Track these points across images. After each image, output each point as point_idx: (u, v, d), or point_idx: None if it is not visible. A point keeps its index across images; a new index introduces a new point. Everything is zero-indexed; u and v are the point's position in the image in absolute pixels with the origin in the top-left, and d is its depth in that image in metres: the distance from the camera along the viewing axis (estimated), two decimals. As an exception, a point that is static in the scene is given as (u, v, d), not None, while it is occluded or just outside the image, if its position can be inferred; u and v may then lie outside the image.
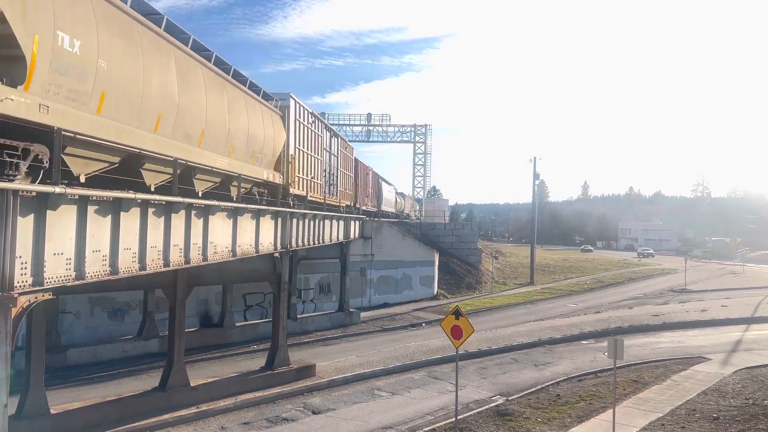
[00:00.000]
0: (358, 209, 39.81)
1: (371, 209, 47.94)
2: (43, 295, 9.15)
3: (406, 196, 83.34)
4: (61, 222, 9.29)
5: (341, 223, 31.00)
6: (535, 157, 59.66)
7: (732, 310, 37.54)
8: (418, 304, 40.79)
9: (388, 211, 57.93)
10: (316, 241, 25.68)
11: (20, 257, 8.36)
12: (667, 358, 24.36)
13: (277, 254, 20.69)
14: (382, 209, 53.69)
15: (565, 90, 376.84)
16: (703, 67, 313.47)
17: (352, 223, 34.05)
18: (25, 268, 8.50)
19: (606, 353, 16.49)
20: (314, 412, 17.51)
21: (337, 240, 30.52)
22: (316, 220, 25.42)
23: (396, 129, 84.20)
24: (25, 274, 8.50)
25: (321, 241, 26.65)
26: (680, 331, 30.99)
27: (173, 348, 17.30)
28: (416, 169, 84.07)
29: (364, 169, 44.40)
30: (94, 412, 15.43)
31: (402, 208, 72.30)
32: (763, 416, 16.38)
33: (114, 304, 25.22)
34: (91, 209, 9.98)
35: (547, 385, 20.38)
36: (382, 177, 57.85)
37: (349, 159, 37.40)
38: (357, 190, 40.11)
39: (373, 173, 51.43)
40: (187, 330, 19.35)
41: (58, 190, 8.73)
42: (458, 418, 15.92)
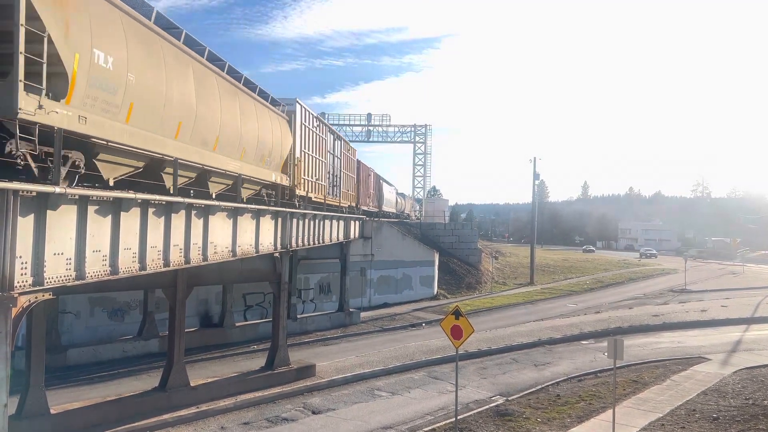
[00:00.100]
0: (360, 210, 39.99)
1: (372, 210, 48.29)
2: (43, 295, 9.15)
3: (407, 197, 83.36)
4: (62, 222, 9.29)
5: (341, 223, 31.01)
6: (535, 157, 59.76)
7: (732, 310, 37.54)
8: (418, 304, 40.80)
9: (389, 211, 58.15)
10: (316, 241, 25.68)
11: (20, 257, 8.36)
12: (667, 359, 24.36)
13: (277, 254, 20.70)
14: (383, 209, 53.94)
15: (565, 90, 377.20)
16: (703, 67, 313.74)
17: (352, 223, 34.06)
18: (25, 268, 8.51)
19: (606, 353, 16.49)
20: (314, 412, 17.52)
21: (337, 240, 30.53)
22: (316, 220, 25.42)
23: (396, 129, 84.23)
24: (25, 274, 8.51)
25: (321, 241, 26.65)
26: (680, 332, 30.99)
27: (173, 348, 17.30)
28: (416, 170, 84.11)
29: (365, 170, 44.94)
30: (94, 412, 15.44)
31: (402, 208, 72.44)
32: (763, 416, 16.38)
33: (114, 304, 25.22)
34: (91, 209, 9.99)
35: (547, 385, 20.39)
36: (383, 178, 58.12)
37: (351, 161, 37.81)
38: (359, 191, 40.36)
39: (375, 174, 51.77)
40: (187, 330, 19.36)
41: (58, 190, 8.73)
42: (458, 418, 15.92)
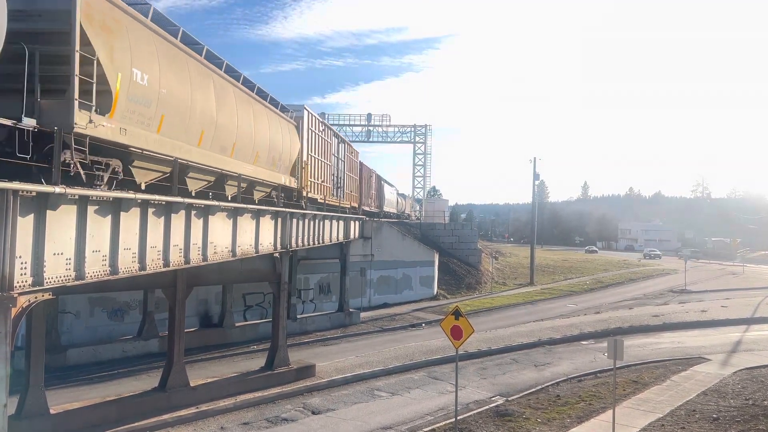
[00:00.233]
0: (362, 210, 40.26)
1: (374, 210, 48.61)
2: (43, 295, 9.14)
3: (407, 197, 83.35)
4: (61, 222, 9.29)
5: (341, 223, 31.00)
6: (534, 158, 59.72)
7: (732, 310, 37.52)
8: (418, 304, 40.77)
9: (390, 211, 58.41)
10: (316, 242, 25.68)
11: (20, 257, 8.36)
12: (666, 359, 24.34)
13: (277, 254, 20.69)
14: (384, 210, 54.22)
15: (565, 90, 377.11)
16: (703, 68, 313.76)
17: (352, 223, 34.07)
18: (25, 268, 8.50)
19: (606, 354, 16.48)
20: (314, 413, 17.51)
21: (337, 240, 30.53)
22: (316, 220, 25.42)
23: (396, 129, 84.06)
24: (25, 274, 8.50)
25: (321, 242, 26.65)
26: (680, 332, 30.97)
27: (173, 348, 17.29)
28: (416, 170, 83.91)
29: (367, 171, 45.64)
30: (94, 412, 15.43)
31: (403, 208, 72.59)
32: (763, 417, 16.37)
33: (114, 304, 25.20)
34: (91, 209, 9.99)
35: (546, 386, 20.37)
36: (384, 179, 58.34)
37: (354, 162, 38.40)
38: (361, 192, 40.82)
39: (376, 175, 52.18)
40: (187, 330, 19.36)
41: (58, 190, 8.73)
42: (458, 418, 15.91)
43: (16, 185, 8.15)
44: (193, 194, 14.52)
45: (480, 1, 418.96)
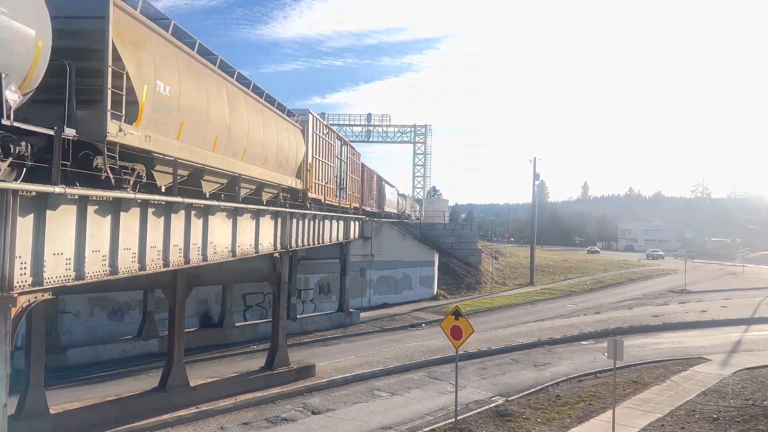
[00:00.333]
0: (363, 210, 40.52)
1: (375, 210, 48.78)
2: (43, 295, 9.14)
3: (407, 197, 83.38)
4: (61, 222, 9.29)
5: (341, 223, 31.01)
6: (534, 158, 59.75)
7: (732, 310, 37.53)
8: (418, 304, 40.77)
9: (391, 212, 58.63)
10: (316, 242, 25.68)
11: (20, 257, 8.36)
12: (666, 359, 24.35)
13: (276, 254, 20.69)
14: (385, 210, 54.41)
15: (565, 90, 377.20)
16: (704, 68, 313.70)
17: (352, 223, 34.07)
18: (25, 268, 8.50)
19: (606, 354, 16.48)
20: (314, 413, 17.51)
21: (337, 240, 30.53)
22: (316, 220, 25.42)
23: (396, 129, 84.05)
24: (25, 274, 8.50)
25: (321, 242, 26.65)
26: (680, 332, 30.98)
27: (173, 348, 17.28)
28: (416, 170, 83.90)
29: (369, 173, 46.44)
30: (94, 412, 15.43)
31: (403, 209, 72.71)
32: (763, 417, 16.37)
33: (114, 304, 25.20)
34: (91, 209, 9.98)
35: (546, 386, 20.38)
36: (385, 179, 58.50)
37: (356, 164, 39.09)
38: (363, 193, 41.30)
39: (377, 176, 52.45)
40: (187, 330, 19.36)
41: (58, 190, 8.73)
42: (458, 418, 15.91)
43: (16, 185, 8.15)
44: (208, 195, 15.71)
45: (480, 1, 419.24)
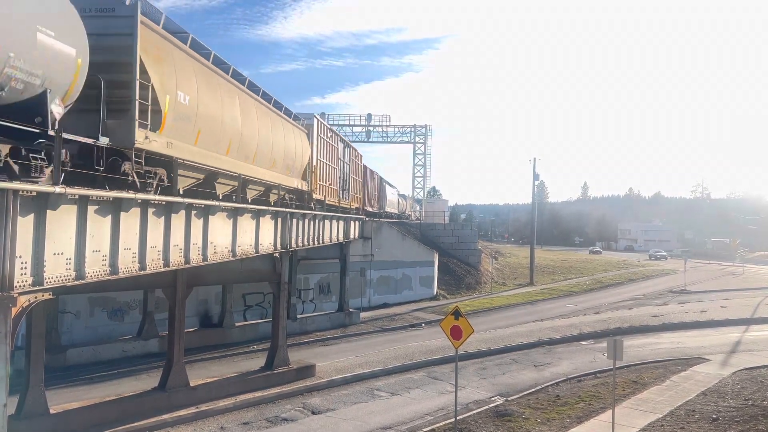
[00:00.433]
0: (365, 211, 40.77)
1: (376, 211, 49.01)
2: (43, 295, 9.14)
3: (407, 197, 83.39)
4: (61, 222, 9.29)
5: (341, 223, 31.01)
6: (534, 158, 59.89)
7: (731, 311, 37.55)
8: (418, 304, 40.77)
9: (391, 212, 58.87)
10: (316, 242, 25.68)
11: (20, 257, 8.36)
12: (666, 359, 24.36)
13: (277, 254, 20.69)
14: (386, 210, 54.61)
15: (565, 90, 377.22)
16: (704, 68, 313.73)
17: (352, 223, 34.08)
18: (25, 268, 8.50)
19: (605, 354, 16.49)
20: (314, 413, 17.51)
21: (337, 240, 30.54)
22: (316, 221, 25.42)
23: (396, 129, 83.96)
24: (25, 274, 8.50)
25: (321, 242, 26.66)
26: (680, 332, 30.99)
27: (173, 348, 17.28)
28: (416, 170, 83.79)
29: (370, 174, 47.38)
30: (94, 412, 15.42)
31: (404, 209, 72.80)
32: (763, 417, 16.38)
33: (114, 304, 25.18)
34: (91, 209, 9.99)
35: (546, 386, 20.39)
36: (386, 180, 58.67)
37: (358, 165, 39.78)
38: (365, 194, 41.69)
39: (378, 177, 52.72)
40: (187, 330, 19.36)
41: (58, 189, 8.73)
42: (458, 418, 15.91)
43: (16, 185, 8.15)
44: (221, 197, 16.44)
45: (480, 1, 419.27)
